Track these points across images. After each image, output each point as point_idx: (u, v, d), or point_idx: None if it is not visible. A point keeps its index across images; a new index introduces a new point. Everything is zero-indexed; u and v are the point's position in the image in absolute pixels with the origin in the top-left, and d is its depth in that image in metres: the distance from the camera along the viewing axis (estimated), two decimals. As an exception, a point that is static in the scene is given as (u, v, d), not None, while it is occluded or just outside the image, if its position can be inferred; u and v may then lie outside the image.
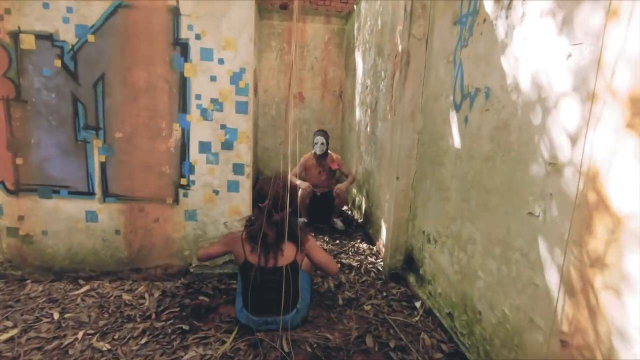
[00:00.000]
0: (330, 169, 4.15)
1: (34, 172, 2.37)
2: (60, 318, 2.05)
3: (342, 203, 4.03)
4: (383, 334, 2.00)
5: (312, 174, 4.07)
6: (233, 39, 2.36)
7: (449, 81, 2.12)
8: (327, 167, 4.13)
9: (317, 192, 4.03)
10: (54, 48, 2.26)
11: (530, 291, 1.36)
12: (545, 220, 1.30)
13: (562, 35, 1.24)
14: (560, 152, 1.23)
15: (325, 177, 4.13)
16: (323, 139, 4.05)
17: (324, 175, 4.11)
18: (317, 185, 4.05)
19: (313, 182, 4.04)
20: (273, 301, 1.92)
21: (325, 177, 4.13)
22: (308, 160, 4.09)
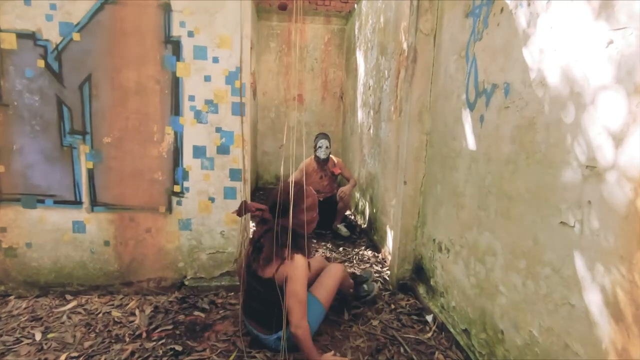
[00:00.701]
0: (332, 174, 3.99)
1: (17, 180, 2.22)
2: (43, 339, 1.88)
3: (345, 207, 3.87)
4: (394, 355, 1.83)
5: (314, 179, 3.90)
6: (228, 36, 2.21)
7: (460, 78, 1.97)
8: (329, 171, 3.97)
9: (319, 198, 3.86)
10: (36, 47, 2.11)
11: (565, 312, 1.20)
12: (582, 231, 1.14)
13: (600, 19, 1.09)
14: (600, 153, 1.07)
15: (327, 182, 3.97)
16: (326, 142, 3.89)
17: (325, 181, 3.95)
18: (319, 191, 3.88)
19: (315, 188, 3.87)
20: (255, 309, 1.82)
21: (327, 182, 3.97)
22: (309, 165, 3.91)
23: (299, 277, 1.65)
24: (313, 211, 1.82)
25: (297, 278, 1.65)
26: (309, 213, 1.78)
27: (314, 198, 1.83)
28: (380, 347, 1.89)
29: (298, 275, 1.65)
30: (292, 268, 1.66)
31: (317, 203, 1.88)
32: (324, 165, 3.93)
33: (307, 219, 1.75)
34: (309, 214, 1.78)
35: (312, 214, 1.81)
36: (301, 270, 1.66)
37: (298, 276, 1.65)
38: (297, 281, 1.65)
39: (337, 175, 4.05)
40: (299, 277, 1.65)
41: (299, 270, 1.66)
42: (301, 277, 1.65)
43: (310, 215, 1.79)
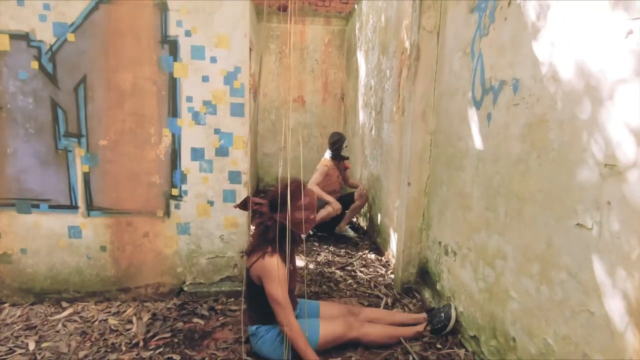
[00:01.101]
0: (344, 170, 3.96)
1: (11, 184, 2.16)
2: (36, 349, 1.82)
3: (363, 205, 3.80)
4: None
5: (333, 179, 3.81)
6: (226, 35, 2.16)
7: (466, 75, 1.91)
8: (343, 168, 3.93)
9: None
10: (30, 49, 2.06)
11: (583, 319, 1.13)
12: (601, 234, 1.07)
13: (617, 9, 1.03)
14: (620, 151, 1.01)
15: (341, 180, 3.93)
16: (347, 141, 3.85)
17: (340, 179, 3.90)
18: (335, 190, 3.82)
19: (333, 187, 3.80)
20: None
21: (341, 180, 3.92)
22: (330, 167, 3.81)
23: (270, 279, 1.61)
24: (310, 212, 1.74)
25: (270, 279, 1.61)
26: (306, 212, 1.71)
27: (312, 198, 1.75)
28: (388, 357, 1.82)
29: (270, 276, 1.61)
30: (262, 269, 1.63)
31: (315, 205, 1.80)
32: (339, 164, 3.88)
33: (303, 217, 1.68)
34: (306, 213, 1.71)
35: (308, 214, 1.73)
36: (272, 271, 1.60)
37: (270, 278, 1.61)
38: (270, 283, 1.61)
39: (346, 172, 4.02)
40: (271, 278, 1.60)
41: (270, 271, 1.60)
42: (272, 277, 1.60)
43: (307, 215, 1.72)
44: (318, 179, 3.66)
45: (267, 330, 1.72)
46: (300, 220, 1.69)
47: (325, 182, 3.72)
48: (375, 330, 1.87)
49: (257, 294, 1.69)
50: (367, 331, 1.84)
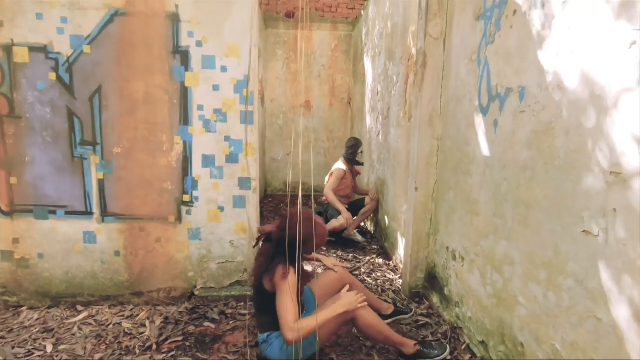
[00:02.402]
0: (357, 175, 4.00)
1: (29, 191, 2.24)
2: (54, 351, 1.88)
3: (374, 209, 3.83)
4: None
5: (347, 183, 3.84)
6: (236, 45, 2.21)
7: (472, 82, 1.93)
8: (355, 174, 3.98)
9: (346, 205, 3.82)
10: (48, 60, 2.14)
11: (591, 326, 1.14)
12: (607, 241, 1.08)
13: (621, 19, 1.04)
14: (625, 159, 1.02)
15: (354, 186, 3.96)
16: (363, 147, 3.88)
17: (353, 183, 3.94)
18: (347, 195, 3.86)
19: (346, 192, 3.84)
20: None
21: (354, 186, 3.96)
22: (347, 171, 3.84)
23: (285, 293, 1.59)
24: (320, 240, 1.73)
25: (285, 293, 1.59)
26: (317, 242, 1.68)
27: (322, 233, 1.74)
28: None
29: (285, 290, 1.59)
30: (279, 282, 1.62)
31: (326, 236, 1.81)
32: (352, 169, 3.92)
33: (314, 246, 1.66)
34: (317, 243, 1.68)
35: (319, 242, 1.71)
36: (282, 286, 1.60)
37: (285, 291, 1.59)
38: (282, 297, 1.59)
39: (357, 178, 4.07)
40: (285, 291, 1.59)
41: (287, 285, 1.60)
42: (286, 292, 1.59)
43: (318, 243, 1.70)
44: (334, 184, 3.69)
45: (277, 336, 1.74)
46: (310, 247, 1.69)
47: (340, 187, 3.76)
48: (372, 317, 1.77)
49: (268, 302, 1.69)
50: (365, 314, 1.74)
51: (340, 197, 3.75)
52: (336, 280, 2.04)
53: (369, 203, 3.77)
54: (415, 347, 1.77)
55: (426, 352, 1.76)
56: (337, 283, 2.04)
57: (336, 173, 3.75)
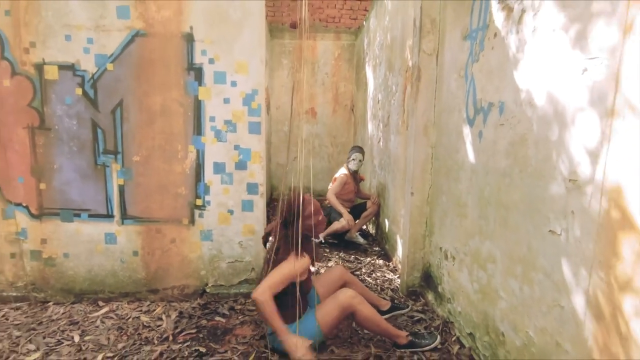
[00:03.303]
0: (359, 182, 4.18)
1: (56, 196, 2.45)
2: (81, 341, 2.07)
3: (375, 212, 4.00)
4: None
5: (350, 189, 4.04)
6: (245, 62, 2.41)
7: (461, 96, 2.11)
8: (359, 180, 4.16)
9: (347, 208, 4.01)
10: (75, 77, 2.36)
11: (556, 313, 1.30)
12: (567, 239, 1.25)
13: (576, 49, 1.22)
14: (580, 168, 1.20)
15: (357, 191, 4.14)
16: (360, 155, 4.06)
17: (355, 189, 4.12)
18: (350, 199, 4.04)
19: (349, 197, 4.03)
20: None
21: (356, 191, 4.14)
22: (348, 177, 4.05)
23: (281, 267, 1.80)
24: (318, 214, 1.95)
25: (280, 267, 1.81)
26: (315, 217, 1.92)
27: (315, 204, 1.95)
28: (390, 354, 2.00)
29: (283, 266, 1.81)
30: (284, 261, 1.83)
31: (319, 206, 2.00)
32: (355, 175, 4.10)
33: (314, 222, 1.89)
34: (315, 217, 1.92)
35: (317, 217, 1.93)
36: (288, 264, 1.80)
37: (282, 266, 1.81)
38: (278, 269, 1.81)
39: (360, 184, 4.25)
40: (281, 267, 1.80)
41: (286, 263, 1.81)
42: (283, 268, 1.80)
43: (317, 218, 1.92)
44: (336, 188, 3.91)
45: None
46: (311, 226, 1.90)
47: (342, 191, 3.96)
48: (369, 311, 1.90)
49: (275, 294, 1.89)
50: (363, 309, 1.88)
51: (343, 201, 3.93)
52: (337, 279, 2.22)
53: (370, 207, 3.94)
54: (408, 338, 1.95)
55: (417, 342, 1.94)
56: (338, 281, 2.22)
57: (339, 179, 3.94)
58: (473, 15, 1.97)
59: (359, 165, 4.04)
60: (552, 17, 1.34)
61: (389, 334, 1.96)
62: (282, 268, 1.82)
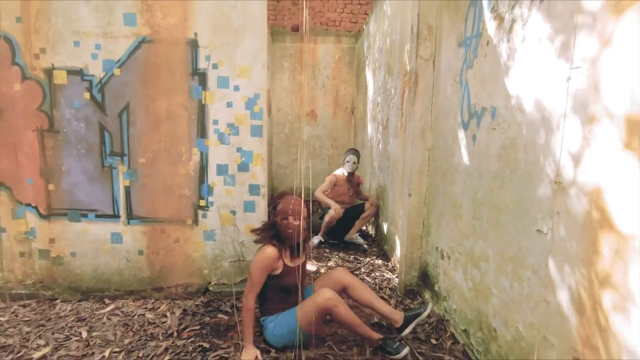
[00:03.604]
0: (357, 185, 4.24)
1: (65, 197, 2.53)
2: (88, 336, 2.15)
3: (373, 214, 4.07)
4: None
5: (342, 190, 4.12)
6: (247, 67, 2.49)
7: (456, 100, 2.18)
8: (355, 183, 4.22)
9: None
10: (83, 82, 2.44)
11: (543, 309, 1.37)
12: (553, 238, 1.32)
13: (561, 59, 1.29)
14: (564, 171, 1.27)
15: (352, 193, 4.21)
16: (355, 157, 4.13)
17: (351, 192, 4.19)
18: (344, 201, 4.11)
19: (341, 198, 4.09)
20: None
21: (352, 193, 4.20)
22: (340, 179, 4.13)
23: (254, 261, 1.98)
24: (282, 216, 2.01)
25: (253, 262, 1.99)
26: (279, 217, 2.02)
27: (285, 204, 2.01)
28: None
29: (254, 259, 1.99)
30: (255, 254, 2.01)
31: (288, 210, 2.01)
32: (351, 178, 4.17)
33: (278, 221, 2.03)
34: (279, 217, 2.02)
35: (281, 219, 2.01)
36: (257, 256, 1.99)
37: (254, 260, 1.99)
38: (252, 264, 1.99)
39: (359, 188, 4.29)
40: (254, 261, 1.98)
41: (256, 256, 1.99)
42: (255, 261, 1.98)
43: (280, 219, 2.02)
44: (324, 187, 4.04)
45: (270, 321, 2.01)
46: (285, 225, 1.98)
47: (333, 193, 4.03)
48: (345, 312, 1.93)
49: (262, 288, 2.01)
50: (340, 311, 1.92)
51: (336, 202, 4.00)
52: (335, 281, 2.25)
53: (369, 208, 4.01)
54: (378, 342, 1.98)
55: (386, 347, 1.96)
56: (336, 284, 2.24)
57: (328, 178, 4.09)
58: (467, 23, 2.04)
59: (354, 168, 4.11)
60: (539, 27, 1.41)
61: (364, 334, 2.00)
62: (251, 266, 1.98)
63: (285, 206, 2.01)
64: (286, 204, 2.01)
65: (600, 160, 1.11)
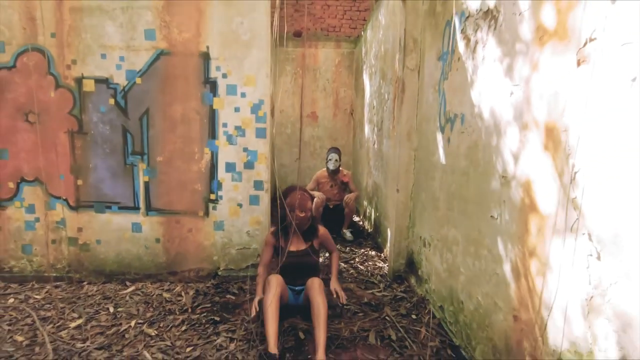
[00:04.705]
0: (342, 182, 4.53)
1: (91, 191, 2.86)
2: (115, 311, 2.48)
3: (351, 212, 4.38)
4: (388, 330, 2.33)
5: (325, 188, 4.45)
6: (253, 76, 2.81)
7: (435, 107, 2.49)
8: (339, 181, 4.51)
9: (329, 205, 4.41)
10: (109, 90, 2.77)
11: (494, 280, 1.68)
12: (501, 222, 1.63)
13: (507, 77, 1.60)
14: (508, 167, 1.58)
15: (337, 190, 4.51)
16: (336, 155, 4.44)
17: (335, 189, 4.49)
18: (329, 198, 4.43)
19: (326, 195, 4.42)
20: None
21: (337, 190, 4.50)
22: (321, 176, 4.48)
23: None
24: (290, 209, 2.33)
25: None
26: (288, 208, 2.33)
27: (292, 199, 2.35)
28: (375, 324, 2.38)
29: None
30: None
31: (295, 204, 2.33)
32: (334, 176, 4.47)
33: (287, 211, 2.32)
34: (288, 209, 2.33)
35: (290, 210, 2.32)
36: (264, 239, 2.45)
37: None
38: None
39: (346, 186, 4.58)
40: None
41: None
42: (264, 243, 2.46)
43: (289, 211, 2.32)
44: (310, 185, 4.50)
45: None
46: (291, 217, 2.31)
47: (319, 190, 4.42)
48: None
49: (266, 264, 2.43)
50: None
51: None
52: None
53: (345, 207, 4.33)
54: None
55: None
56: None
57: (315, 176, 4.51)
58: (444, 40, 2.35)
59: (336, 165, 4.42)
60: (493, 49, 1.72)
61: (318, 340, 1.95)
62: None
63: (292, 200, 2.34)
64: (293, 199, 2.35)
65: (530, 159, 1.42)
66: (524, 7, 1.48)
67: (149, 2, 2.70)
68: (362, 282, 3.06)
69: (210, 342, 2.15)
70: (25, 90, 2.73)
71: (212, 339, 2.17)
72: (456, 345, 2.05)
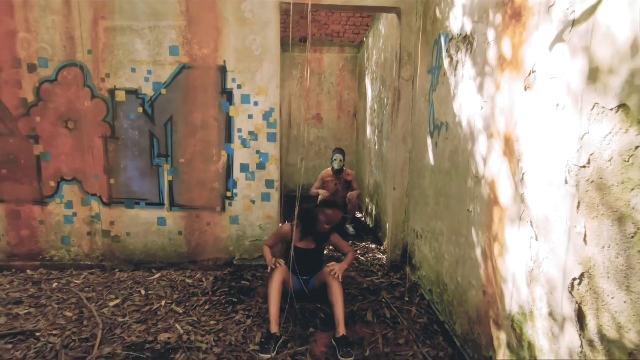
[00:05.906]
0: (346, 181, 4.86)
1: (122, 189, 3.24)
2: (146, 293, 2.85)
3: (354, 208, 4.72)
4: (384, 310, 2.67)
5: (330, 187, 4.79)
6: (265, 87, 3.16)
7: (426, 114, 2.81)
8: (343, 180, 4.85)
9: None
10: (138, 99, 3.14)
11: (470, 263, 2.01)
12: (474, 214, 1.96)
13: (479, 94, 1.93)
14: (480, 169, 1.91)
15: (341, 189, 4.84)
16: (341, 156, 4.77)
17: (339, 187, 4.83)
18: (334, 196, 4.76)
19: (330, 193, 4.75)
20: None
21: (341, 188, 4.84)
22: (326, 175, 4.80)
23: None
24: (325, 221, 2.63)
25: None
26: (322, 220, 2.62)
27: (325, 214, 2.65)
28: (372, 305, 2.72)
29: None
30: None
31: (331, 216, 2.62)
32: (338, 175, 4.81)
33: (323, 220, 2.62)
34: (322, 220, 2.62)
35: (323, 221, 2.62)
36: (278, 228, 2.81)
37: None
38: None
39: (350, 185, 4.91)
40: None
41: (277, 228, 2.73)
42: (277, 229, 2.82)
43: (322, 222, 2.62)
44: (316, 185, 4.80)
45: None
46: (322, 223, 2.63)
47: (324, 188, 4.73)
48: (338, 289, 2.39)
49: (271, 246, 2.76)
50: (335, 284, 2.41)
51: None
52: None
53: (349, 204, 4.66)
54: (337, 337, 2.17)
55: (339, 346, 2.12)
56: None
57: (320, 175, 4.81)
58: (434, 56, 2.68)
59: (340, 165, 4.72)
60: (470, 69, 2.05)
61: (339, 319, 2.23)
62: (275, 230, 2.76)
63: (330, 216, 2.60)
64: (332, 216, 2.60)
65: (495, 162, 1.75)
66: (491, 37, 1.81)
67: (173, 23, 3.06)
68: (363, 271, 3.40)
69: (230, 318, 2.51)
70: (65, 100, 3.11)
71: (232, 316, 2.53)
72: (441, 321, 2.38)
